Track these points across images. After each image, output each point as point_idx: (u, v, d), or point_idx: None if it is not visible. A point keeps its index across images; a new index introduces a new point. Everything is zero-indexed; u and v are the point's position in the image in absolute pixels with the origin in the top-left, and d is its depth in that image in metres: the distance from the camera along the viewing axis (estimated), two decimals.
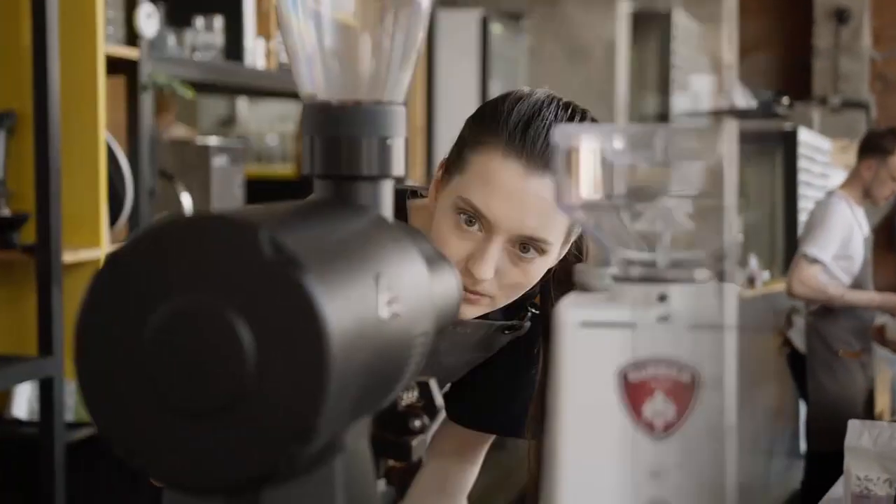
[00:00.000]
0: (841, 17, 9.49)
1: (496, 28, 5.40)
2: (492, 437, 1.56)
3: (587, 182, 0.75)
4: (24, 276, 2.56)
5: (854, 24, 9.53)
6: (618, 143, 0.74)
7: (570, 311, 0.72)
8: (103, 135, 2.61)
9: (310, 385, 0.62)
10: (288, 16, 0.86)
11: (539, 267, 1.28)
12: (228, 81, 3.27)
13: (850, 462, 1.92)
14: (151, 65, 2.83)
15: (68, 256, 2.52)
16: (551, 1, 5.62)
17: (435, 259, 0.90)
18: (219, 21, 3.15)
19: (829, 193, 4.60)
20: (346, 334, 0.66)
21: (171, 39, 3.07)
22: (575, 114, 1.30)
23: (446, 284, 0.90)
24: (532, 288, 1.33)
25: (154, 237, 0.66)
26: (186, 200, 3.02)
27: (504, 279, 1.27)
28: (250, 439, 0.63)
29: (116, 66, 2.75)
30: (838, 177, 8.48)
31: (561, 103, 1.29)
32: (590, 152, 0.74)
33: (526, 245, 1.25)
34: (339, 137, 0.84)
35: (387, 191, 0.86)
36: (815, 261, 4.29)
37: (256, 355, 0.63)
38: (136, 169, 2.78)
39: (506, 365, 1.47)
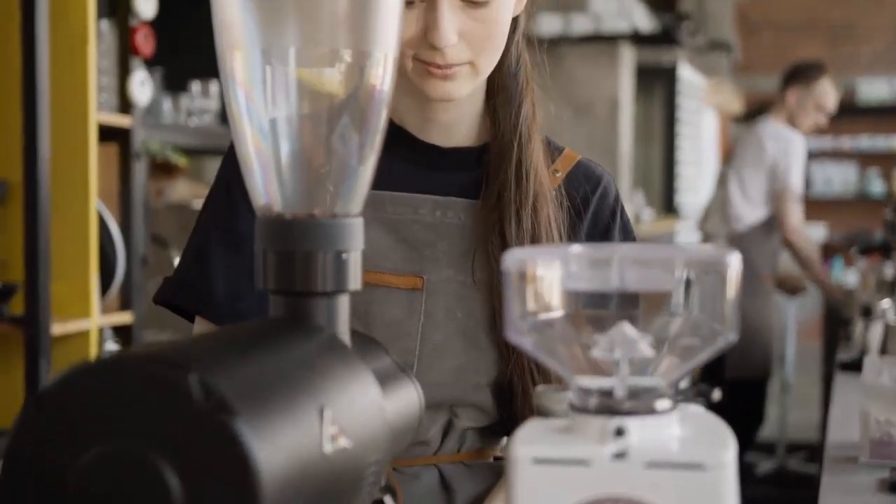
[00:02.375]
0: None
1: None
2: None
3: (539, 307, 0.72)
4: (13, 347, 2.54)
5: None
6: (571, 268, 0.71)
7: (524, 447, 0.69)
8: (95, 204, 2.59)
9: None
10: (241, 125, 0.84)
11: (502, 9, 1.19)
12: (224, 146, 3.26)
13: (867, 403, 1.73)
14: (145, 132, 2.82)
15: (57, 328, 2.50)
16: (555, 57, 5.64)
17: (392, 374, 0.87)
18: (215, 86, 3.15)
19: (760, 120, 4.72)
20: (282, 477, 0.63)
21: (167, 104, 3.07)
22: None
23: (405, 401, 0.87)
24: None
25: (83, 377, 0.63)
26: None
27: (472, 39, 1.18)
28: None
29: (109, 133, 2.74)
30: (710, 115, 8.61)
31: None
32: (541, 277, 0.72)
33: None
34: (293, 252, 0.82)
35: (343, 306, 0.83)
36: (800, 197, 4.37)
37: (184, 503, 0.60)
38: (128, 237, 2.76)
39: None
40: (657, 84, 7.26)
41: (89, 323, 2.60)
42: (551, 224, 1.23)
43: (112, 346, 2.84)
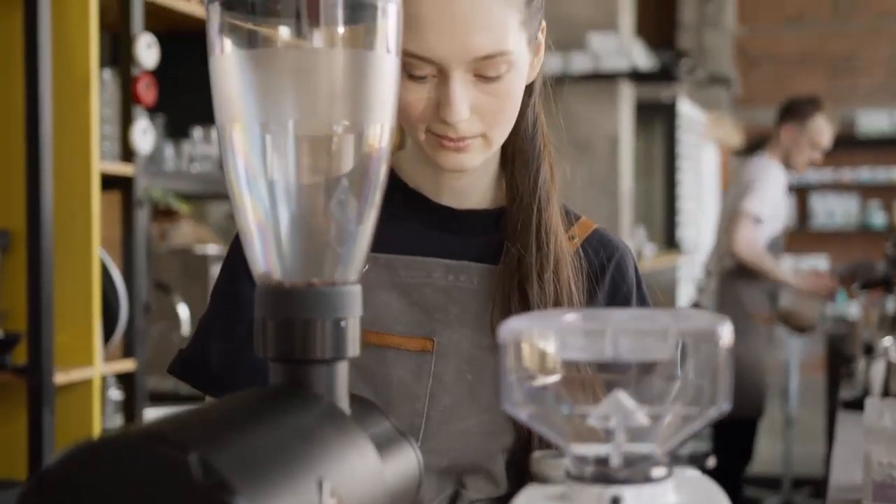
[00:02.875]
0: None
1: None
2: None
3: (534, 376, 0.73)
4: (16, 397, 2.54)
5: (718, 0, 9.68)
6: (566, 338, 0.72)
7: None
8: (97, 252, 2.61)
9: None
10: (241, 195, 0.85)
11: (515, 81, 1.17)
12: (225, 191, 3.27)
13: (869, 446, 1.72)
14: (147, 179, 2.84)
15: (60, 377, 2.50)
16: (554, 96, 5.67)
17: (392, 439, 0.88)
18: (216, 132, 3.17)
19: (755, 155, 4.75)
20: None
21: (169, 150, 3.09)
22: None
23: (404, 466, 0.87)
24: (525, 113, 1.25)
25: (84, 456, 0.64)
26: (183, 312, 3.01)
27: (484, 113, 1.16)
28: None
29: (112, 181, 2.76)
30: (710, 150, 8.66)
31: None
32: (537, 347, 0.73)
33: (488, 65, 1.14)
34: (292, 320, 0.83)
35: (342, 372, 0.84)
36: (756, 219, 4.33)
37: None
38: (130, 284, 2.77)
39: None
40: (657, 119, 7.30)
41: (92, 371, 2.61)
42: (572, 288, 1.22)
43: (115, 393, 2.84)
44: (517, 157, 1.27)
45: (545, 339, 0.72)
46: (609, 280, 1.28)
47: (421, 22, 1.11)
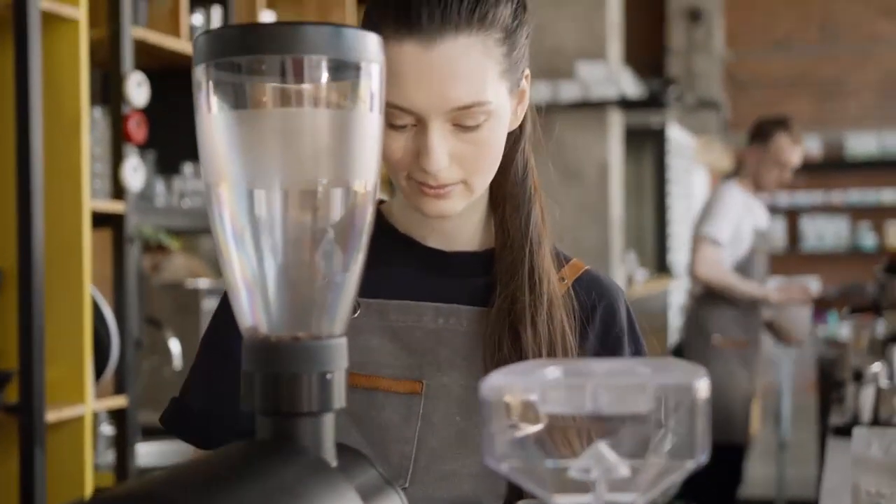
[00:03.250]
0: (694, 16, 9.70)
1: None
2: None
3: (516, 430, 0.75)
4: (7, 436, 2.54)
5: (706, 24, 9.73)
6: (547, 394, 0.74)
7: None
8: (88, 290, 2.61)
9: None
10: (228, 251, 0.86)
11: (495, 129, 1.18)
12: None
13: (857, 475, 1.75)
14: (138, 216, 2.85)
15: (52, 415, 2.51)
16: (544, 124, 5.70)
17: (378, 488, 0.89)
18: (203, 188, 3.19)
19: (726, 185, 4.71)
20: None
21: (160, 186, 3.10)
22: None
23: None
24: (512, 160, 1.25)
25: None
26: (175, 347, 3.02)
27: (463, 161, 1.17)
28: None
29: (103, 219, 2.77)
30: (701, 174, 8.71)
31: None
32: (518, 402, 0.74)
33: (466, 115, 1.15)
34: (279, 373, 0.84)
35: (328, 424, 0.86)
36: (715, 242, 4.34)
37: None
38: (122, 320, 2.78)
39: None
40: (646, 145, 7.34)
41: (84, 408, 2.61)
42: (566, 329, 1.23)
43: (107, 429, 2.85)
44: (508, 200, 1.29)
45: (527, 393, 0.74)
46: (599, 321, 1.29)
47: (400, 73, 1.13)
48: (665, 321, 7.00)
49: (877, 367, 3.11)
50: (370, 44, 0.84)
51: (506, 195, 1.29)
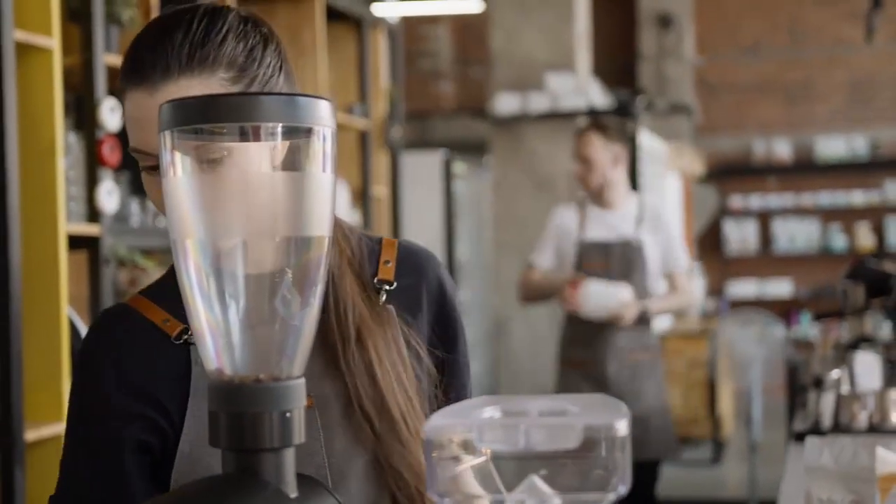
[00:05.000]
0: (664, 22, 9.82)
1: (459, 167, 5.53)
2: None
3: (456, 467, 0.82)
4: None
5: (677, 29, 9.86)
6: (483, 433, 0.81)
7: None
8: (65, 311, 2.68)
9: None
10: (193, 300, 0.93)
11: (241, 165, 1.20)
12: None
13: (810, 484, 1.80)
14: (113, 238, 2.92)
15: (31, 434, 2.57)
16: (514, 135, 5.79)
17: None
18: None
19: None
20: None
21: (135, 207, 3.17)
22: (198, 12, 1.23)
23: None
24: None
25: None
26: None
27: None
28: None
29: (78, 241, 2.84)
30: (673, 179, 8.83)
31: (181, 9, 1.24)
32: (457, 441, 0.82)
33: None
34: (242, 413, 0.91)
35: (289, 458, 0.93)
36: (530, 266, 4.22)
37: None
38: None
39: None
40: None
41: (61, 427, 2.67)
42: (380, 353, 1.28)
43: None
44: None
45: (465, 432, 0.81)
46: (426, 293, 1.37)
47: (133, 118, 1.22)
48: None
49: (836, 373, 3.17)
50: (321, 109, 0.92)
51: None
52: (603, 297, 4.00)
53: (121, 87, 1.24)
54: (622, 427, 0.80)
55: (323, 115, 0.92)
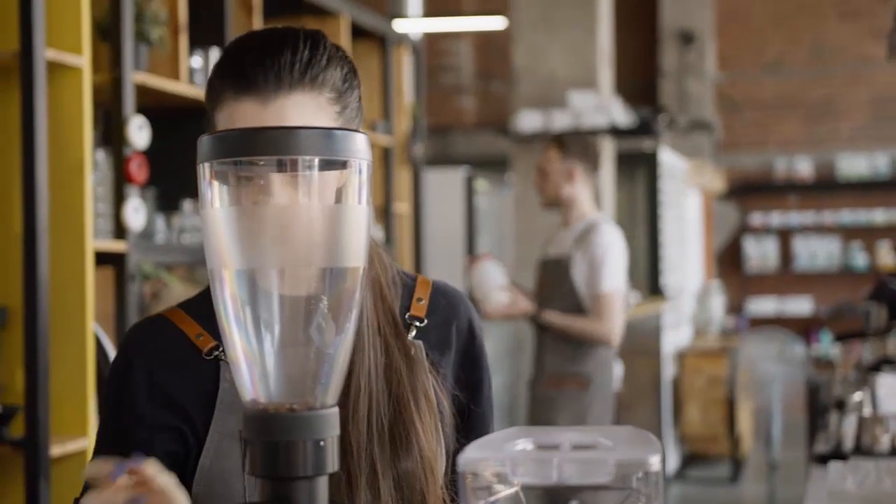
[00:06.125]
0: (686, 39, 9.79)
1: (481, 184, 5.54)
2: None
3: (490, 496, 0.83)
4: (13, 470, 2.62)
5: (698, 46, 9.83)
6: (517, 467, 0.82)
7: None
8: (91, 327, 2.70)
9: None
10: (230, 331, 0.95)
11: (328, 184, 1.27)
12: None
13: None
14: (139, 254, 2.94)
15: (56, 449, 2.59)
16: (536, 152, 5.78)
17: None
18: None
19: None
20: None
21: (161, 223, 3.19)
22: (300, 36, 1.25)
23: None
24: None
25: None
26: None
27: None
28: None
29: (105, 258, 2.86)
30: (693, 196, 8.81)
31: (281, 29, 1.26)
32: (492, 475, 0.83)
33: None
34: (276, 442, 0.92)
35: (322, 487, 0.94)
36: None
37: None
38: None
39: None
40: (639, 169, 7.43)
41: (87, 442, 2.69)
42: (403, 385, 1.30)
43: None
44: None
45: (499, 466, 0.82)
46: (456, 332, 1.39)
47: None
48: (658, 344, 7.08)
49: (859, 395, 3.16)
50: (358, 143, 0.93)
51: None
52: (486, 276, 3.95)
53: (219, 96, 1.24)
54: (655, 462, 0.81)
55: (359, 148, 0.93)
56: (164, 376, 1.29)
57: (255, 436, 0.93)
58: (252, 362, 0.94)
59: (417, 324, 1.36)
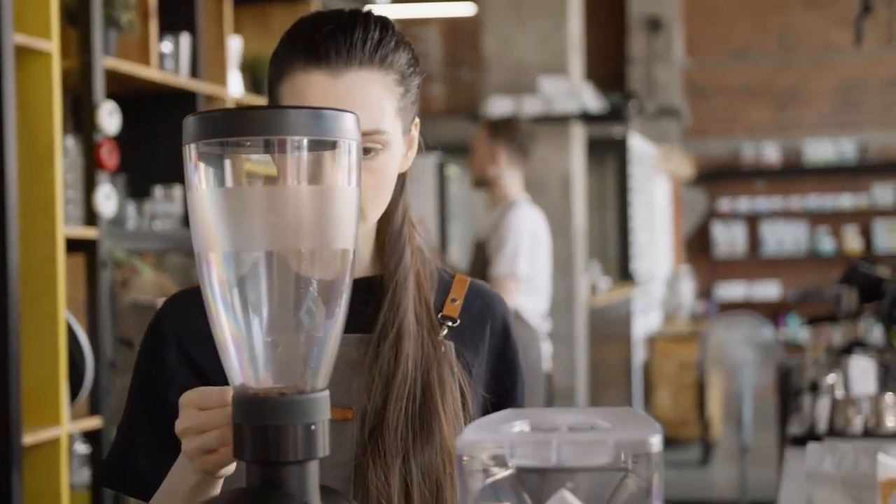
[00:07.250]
0: (654, 26, 9.84)
1: (452, 171, 5.53)
2: None
3: (487, 480, 0.82)
4: None
5: (666, 33, 9.89)
6: (515, 449, 0.81)
7: None
8: (63, 315, 2.67)
9: None
10: (218, 314, 0.93)
11: (389, 161, 1.27)
12: (188, 248, 3.35)
13: (811, 490, 1.81)
14: (110, 241, 2.91)
15: (28, 438, 2.56)
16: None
17: None
18: (177, 190, 3.25)
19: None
20: None
21: (132, 210, 3.16)
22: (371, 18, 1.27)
23: None
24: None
25: None
26: None
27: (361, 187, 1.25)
28: None
29: (76, 244, 2.83)
30: (662, 182, 8.86)
31: (352, 9, 1.29)
32: (489, 457, 0.81)
33: (364, 141, 1.20)
34: (266, 426, 0.91)
35: (313, 471, 0.93)
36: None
37: None
38: (95, 342, 2.83)
39: None
40: (608, 155, 7.44)
41: (59, 430, 2.66)
42: (409, 362, 1.29)
43: (82, 449, 2.89)
44: (388, 242, 1.35)
45: (497, 448, 0.81)
46: (490, 332, 1.39)
47: (308, 99, 1.23)
48: (628, 329, 7.10)
49: (832, 378, 3.18)
50: (347, 122, 0.92)
51: (386, 238, 1.35)
52: None
53: (287, 68, 1.24)
54: (655, 443, 0.80)
55: (348, 129, 0.92)
56: (190, 347, 1.30)
57: (245, 420, 0.92)
58: (241, 346, 0.93)
59: (450, 324, 1.36)
